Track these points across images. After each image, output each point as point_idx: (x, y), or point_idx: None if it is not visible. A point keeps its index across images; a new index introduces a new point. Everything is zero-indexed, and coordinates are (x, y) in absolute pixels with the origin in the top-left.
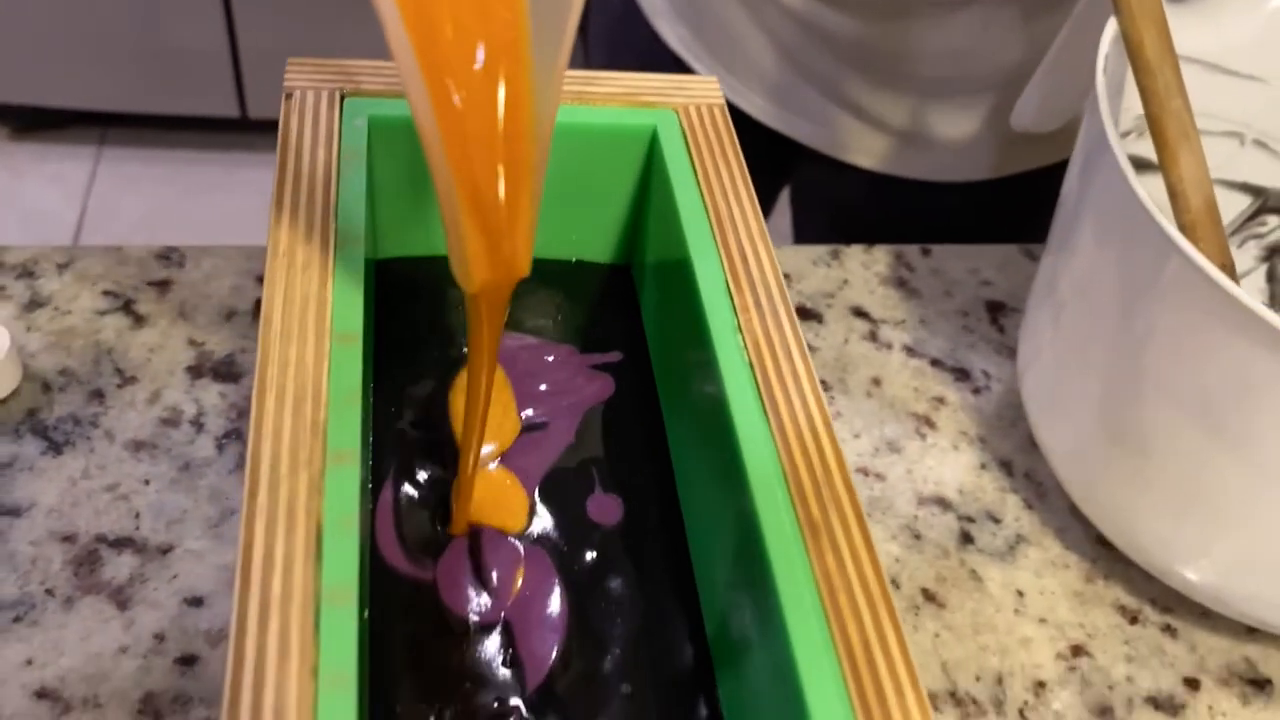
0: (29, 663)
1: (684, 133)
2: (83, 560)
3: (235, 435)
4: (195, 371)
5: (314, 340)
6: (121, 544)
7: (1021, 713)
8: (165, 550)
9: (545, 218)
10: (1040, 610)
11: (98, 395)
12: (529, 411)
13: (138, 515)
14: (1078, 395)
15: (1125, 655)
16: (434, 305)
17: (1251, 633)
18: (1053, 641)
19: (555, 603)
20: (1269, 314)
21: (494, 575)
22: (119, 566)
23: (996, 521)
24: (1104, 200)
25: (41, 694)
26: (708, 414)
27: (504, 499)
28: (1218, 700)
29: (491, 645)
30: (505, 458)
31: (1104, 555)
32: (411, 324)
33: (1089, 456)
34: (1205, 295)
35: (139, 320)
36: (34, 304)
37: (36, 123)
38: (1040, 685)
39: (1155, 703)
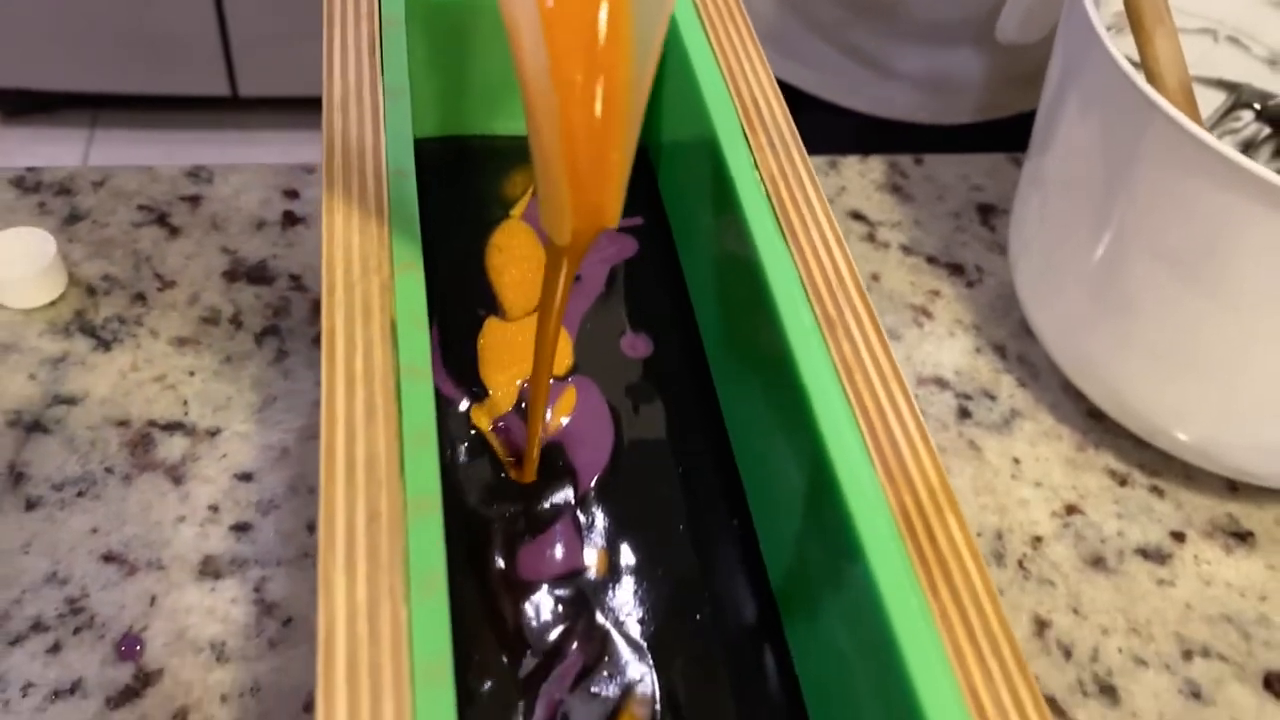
0: (94, 531)
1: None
2: (137, 442)
3: (273, 331)
4: (230, 276)
5: (372, 175)
6: (172, 428)
7: (1020, 564)
8: (213, 433)
9: None
10: (1036, 475)
11: (140, 298)
12: None
13: (185, 403)
14: (1066, 270)
15: (1116, 513)
16: (466, 185)
17: (1234, 491)
18: (1048, 502)
19: (603, 421)
20: (1244, 160)
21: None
22: (171, 447)
23: (992, 399)
24: (1085, 74)
25: (108, 557)
26: (728, 247)
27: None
28: (1202, 550)
29: (547, 460)
30: None
31: (1094, 427)
32: (444, 203)
33: (1079, 327)
34: (1185, 150)
35: (174, 232)
36: (73, 218)
37: (27, 106)
38: (1037, 540)
39: (1144, 553)
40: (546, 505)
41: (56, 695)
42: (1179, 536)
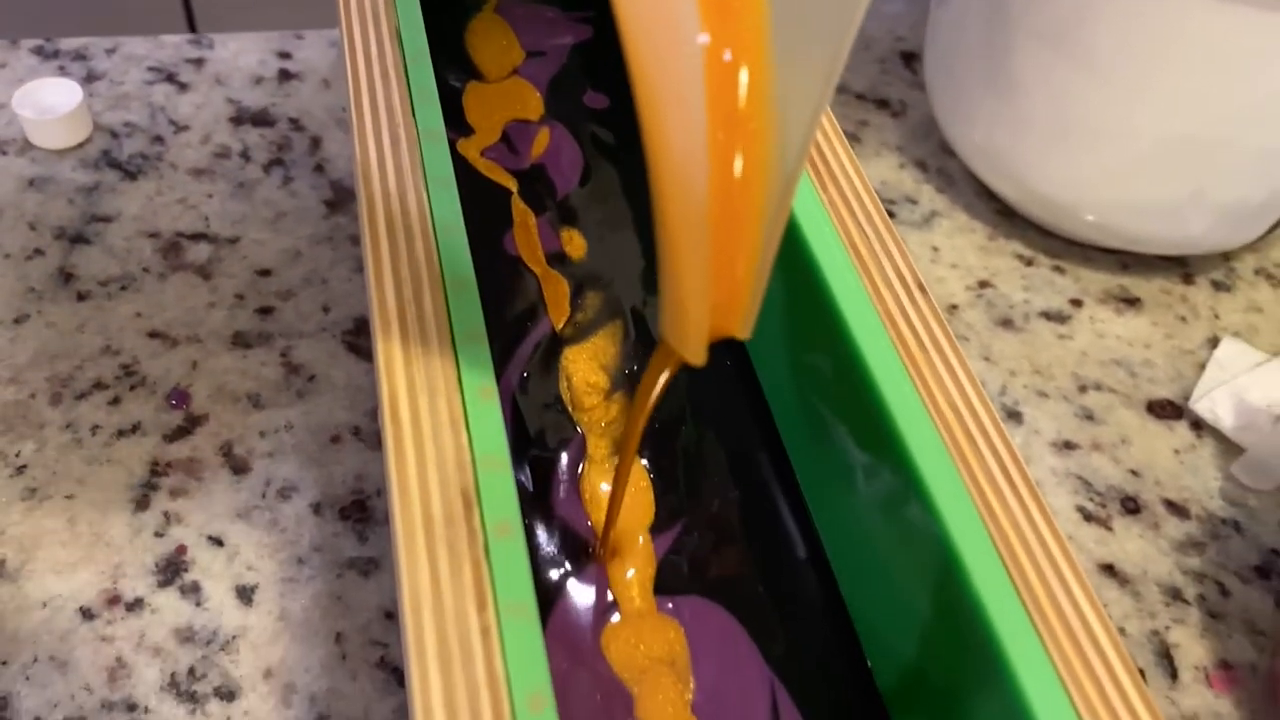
0: (138, 315)
1: None
2: (168, 249)
3: (278, 162)
4: (236, 120)
5: (393, 70)
6: (197, 237)
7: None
8: (233, 240)
9: None
10: (952, 259)
11: (158, 139)
12: (532, 46)
13: (207, 218)
14: (968, 70)
15: (1022, 286)
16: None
17: (1126, 268)
18: (962, 279)
19: (574, 151)
20: None
21: (523, 149)
22: (198, 252)
23: (914, 203)
24: None
25: (153, 334)
26: None
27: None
28: (1097, 313)
29: (529, 177)
30: (520, 69)
31: (1004, 222)
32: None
33: (980, 119)
34: None
35: (183, 87)
36: (91, 78)
37: None
38: (953, 308)
39: (1047, 315)
40: (530, 208)
41: (120, 434)
42: (1077, 303)
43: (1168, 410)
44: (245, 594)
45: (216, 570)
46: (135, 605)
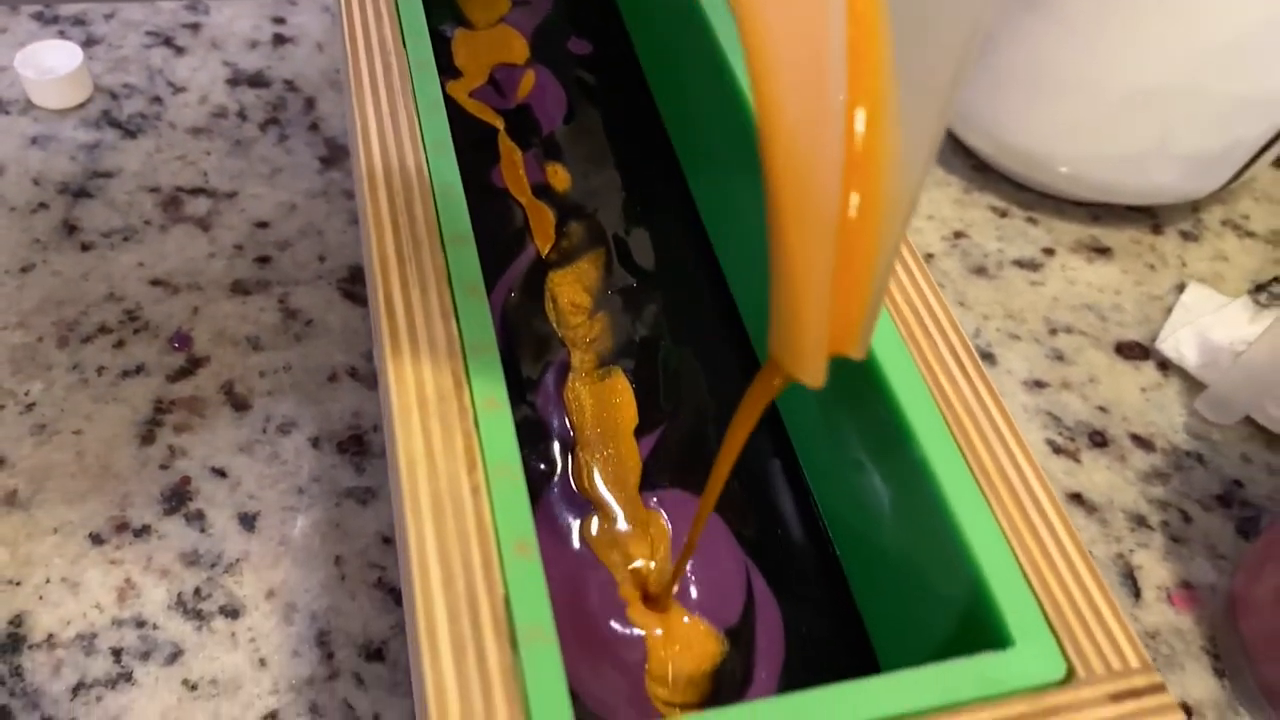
0: (140, 264)
1: None
2: (168, 203)
3: (274, 121)
4: (233, 82)
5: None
6: (196, 192)
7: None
8: (231, 195)
9: None
10: (928, 211)
11: (157, 100)
12: None
13: (205, 174)
14: None
15: (996, 236)
16: None
17: (1097, 219)
18: (938, 229)
19: (558, 92)
20: None
21: (509, 91)
22: (198, 205)
23: None
24: None
25: (155, 282)
26: None
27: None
28: (1068, 261)
29: (515, 116)
30: (506, 17)
31: (979, 176)
32: None
33: None
34: None
35: (180, 50)
36: (90, 42)
37: None
38: (929, 256)
39: (1020, 263)
40: (517, 142)
41: (125, 375)
42: (1049, 251)
43: (1135, 351)
44: (248, 521)
45: (220, 499)
46: (142, 531)
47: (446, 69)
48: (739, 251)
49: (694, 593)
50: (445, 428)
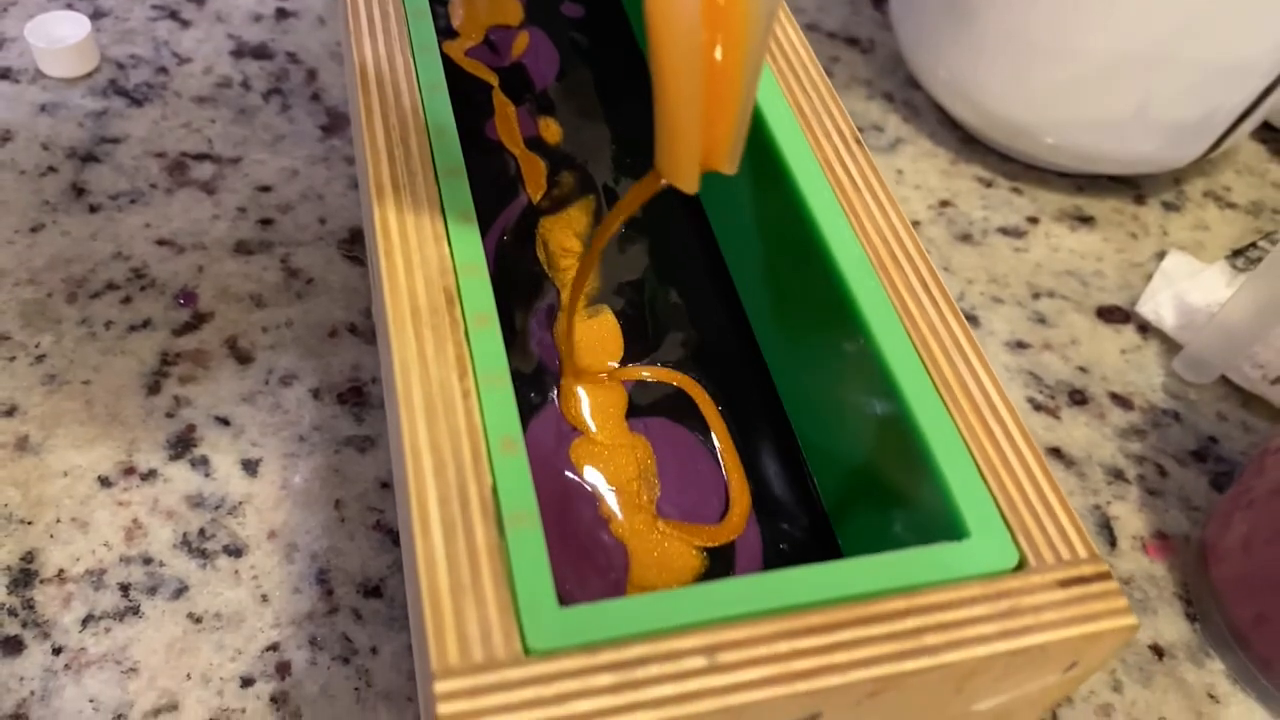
0: (147, 225)
1: None
2: (174, 168)
3: (277, 91)
4: (237, 54)
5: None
6: (201, 158)
7: None
8: (235, 160)
9: None
10: (915, 181)
11: (163, 70)
12: None
13: (210, 140)
14: (930, 9)
15: (981, 205)
16: None
17: (1081, 190)
18: (925, 199)
19: (551, 52)
20: None
21: (503, 50)
22: (203, 170)
23: (880, 130)
24: None
25: (160, 242)
26: None
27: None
28: (1052, 229)
29: (509, 73)
30: None
31: (965, 148)
32: None
33: (945, 54)
34: None
35: (185, 24)
36: (98, 15)
37: None
38: (916, 223)
39: (1004, 231)
40: (513, 101)
41: (132, 329)
42: (1033, 220)
43: (1116, 315)
44: (250, 466)
45: (224, 446)
46: (149, 475)
47: (444, 30)
48: (722, 198)
49: (675, 511)
50: (438, 337)
